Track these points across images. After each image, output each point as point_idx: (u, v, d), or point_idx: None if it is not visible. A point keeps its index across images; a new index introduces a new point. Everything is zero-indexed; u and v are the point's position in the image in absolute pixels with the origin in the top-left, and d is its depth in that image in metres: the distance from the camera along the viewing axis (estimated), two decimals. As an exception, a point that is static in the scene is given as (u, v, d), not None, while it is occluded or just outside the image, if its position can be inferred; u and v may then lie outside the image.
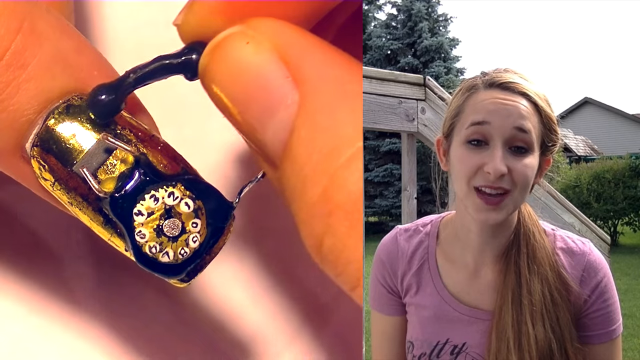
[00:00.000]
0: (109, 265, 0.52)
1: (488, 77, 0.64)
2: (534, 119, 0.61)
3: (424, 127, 1.46)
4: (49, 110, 0.36)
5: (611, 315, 0.64)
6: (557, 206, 1.62)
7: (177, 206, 0.38)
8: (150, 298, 0.53)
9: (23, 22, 0.35)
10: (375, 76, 1.39)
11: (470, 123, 0.61)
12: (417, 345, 0.68)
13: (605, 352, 0.65)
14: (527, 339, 0.61)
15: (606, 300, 0.64)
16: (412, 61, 10.01)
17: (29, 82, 0.35)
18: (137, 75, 0.37)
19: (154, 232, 0.37)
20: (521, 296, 0.62)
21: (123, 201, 0.37)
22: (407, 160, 1.53)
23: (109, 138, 0.37)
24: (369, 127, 1.39)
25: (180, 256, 0.38)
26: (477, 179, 0.60)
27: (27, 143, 0.37)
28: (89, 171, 0.37)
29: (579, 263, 0.64)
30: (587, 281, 0.64)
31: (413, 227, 0.73)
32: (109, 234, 0.38)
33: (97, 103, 0.37)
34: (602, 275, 0.64)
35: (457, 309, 0.67)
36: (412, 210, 1.51)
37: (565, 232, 0.69)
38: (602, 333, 0.64)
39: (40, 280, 0.52)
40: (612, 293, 0.65)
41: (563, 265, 0.64)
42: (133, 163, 0.37)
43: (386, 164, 9.36)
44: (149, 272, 0.38)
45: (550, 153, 0.65)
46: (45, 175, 0.37)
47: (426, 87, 1.47)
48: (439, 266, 0.69)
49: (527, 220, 0.67)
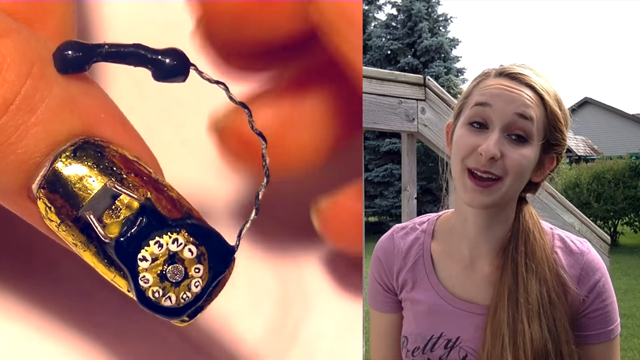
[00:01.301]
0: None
1: (500, 67, 0.66)
2: (538, 110, 0.62)
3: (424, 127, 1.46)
4: (57, 153, 0.37)
5: (609, 315, 0.64)
6: (557, 206, 1.61)
7: (181, 252, 0.38)
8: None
9: (33, 67, 0.36)
10: (375, 76, 1.39)
11: (474, 103, 0.63)
12: (411, 339, 0.68)
13: (603, 352, 0.65)
14: (522, 337, 0.61)
15: (604, 300, 0.64)
16: (412, 61, 10.01)
17: (38, 126, 0.36)
18: (110, 50, 0.37)
19: (158, 277, 0.38)
20: (517, 294, 0.62)
21: (128, 246, 0.37)
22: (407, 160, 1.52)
23: (115, 185, 0.37)
24: (369, 127, 1.39)
25: (183, 300, 0.39)
26: (470, 159, 0.60)
27: (34, 184, 0.37)
28: (94, 216, 0.37)
29: (577, 262, 0.65)
30: (584, 281, 0.64)
31: (410, 224, 0.74)
32: (112, 275, 0.39)
33: (62, 56, 0.37)
34: (600, 275, 0.65)
35: (452, 303, 0.67)
36: (412, 210, 1.51)
37: (564, 231, 0.69)
38: (600, 333, 0.64)
39: (40, 280, 0.52)
40: (609, 293, 0.65)
41: (561, 265, 0.64)
42: (138, 209, 0.38)
43: (386, 164, 9.36)
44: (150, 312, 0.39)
45: (554, 153, 0.65)
46: (51, 216, 0.38)
47: (426, 87, 1.47)
48: (434, 261, 0.69)
49: (528, 219, 0.67)
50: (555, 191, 1.63)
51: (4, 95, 0.35)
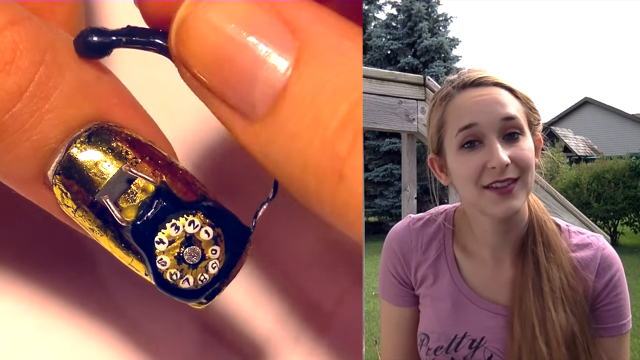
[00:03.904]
0: (108, 263, 0.52)
1: (457, 81, 0.64)
2: (515, 103, 0.62)
3: (424, 127, 1.46)
4: (71, 138, 0.37)
5: (622, 309, 0.65)
6: (557, 206, 1.61)
7: (198, 234, 0.39)
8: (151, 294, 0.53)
9: (45, 54, 0.36)
10: (375, 76, 1.39)
11: (458, 130, 0.61)
12: (433, 338, 0.68)
13: (614, 346, 0.65)
14: (552, 325, 0.61)
15: (618, 294, 0.65)
16: (412, 61, 10.00)
17: (52, 112, 0.36)
18: (131, 37, 0.38)
19: (175, 259, 0.38)
20: (541, 284, 0.63)
21: (144, 229, 0.38)
22: (407, 160, 1.52)
23: (131, 169, 0.38)
24: (369, 127, 1.39)
25: (200, 282, 0.39)
26: (485, 177, 0.60)
27: (49, 171, 0.37)
28: (111, 200, 0.38)
29: (594, 257, 0.65)
30: (601, 275, 0.65)
31: (427, 215, 0.72)
32: (130, 259, 0.39)
33: (85, 42, 0.37)
34: (616, 270, 0.66)
35: (477, 303, 0.66)
36: (412, 210, 1.51)
37: (578, 227, 0.69)
38: (612, 327, 0.65)
39: (40, 280, 0.52)
40: (623, 288, 0.66)
41: (579, 260, 0.65)
42: (154, 192, 0.38)
43: (386, 164, 9.35)
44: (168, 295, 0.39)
45: (538, 131, 0.65)
46: (67, 202, 0.38)
47: (426, 87, 1.47)
48: (456, 258, 0.69)
49: (537, 208, 0.67)
50: (555, 191, 1.63)
51: (18, 82, 0.35)
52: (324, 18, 0.35)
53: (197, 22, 0.34)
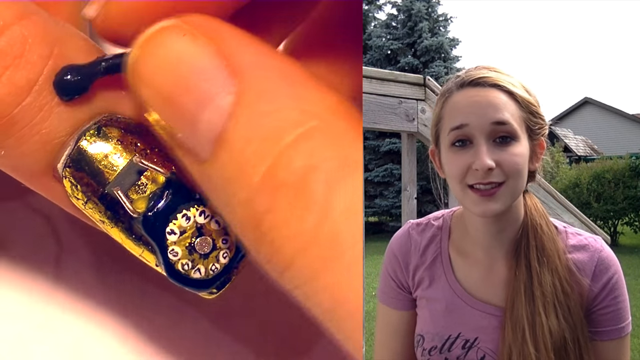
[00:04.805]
0: (108, 261, 0.52)
1: (460, 78, 0.65)
2: (511, 108, 0.61)
3: (424, 127, 1.46)
4: (81, 131, 0.37)
5: (621, 312, 0.65)
6: (557, 206, 1.62)
7: (208, 224, 0.38)
8: (151, 292, 0.53)
9: (54, 48, 0.36)
10: (375, 76, 1.39)
11: (450, 129, 0.62)
12: (428, 338, 0.68)
13: (613, 350, 0.65)
14: (541, 329, 0.61)
15: (616, 297, 0.64)
16: (412, 61, 10.01)
17: (61, 106, 0.36)
18: (107, 64, 0.37)
19: (186, 250, 0.38)
20: (533, 288, 0.63)
21: (155, 220, 0.38)
22: (407, 160, 1.53)
23: (141, 161, 0.38)
24: (369, 127, 1.39)
25: (211, 272, 0.39)
26: (469, 177, 0.60)
27: (59, 164, 0.37)
28: (122, 192, 0.37)
29: (592, 259, 0.65)
30: (598, 277, 0.64)
31: (425, 221, 0.74)
32: (141, 250, 0.39)
33: (62, 82, 0.37)
34: (614, 272, 0.65)
35: (470, 303, 0.67)
36: (412, 210, 1.51)
37: (576, 229, 0.69)
38: (611, 330, 0.64)
39: (40, 280, 0.52)
40: (622, 290, 0.65)
41: (576, 262, 0.65)
42: (164, 183, 0.38)
43: (386, 164, 9.36)
44: (179, 286, 0.39)
45: (540, 136, 0.65)
46: (77, 194, 0.38)
47: (426, 87, 1.48)
48: (451, 260, 0.69)
49: (534, 212, 0.67)
50: (555, 191, 1.63)
51: (27, 76, 0.35)
52: (266, 62, 0.34)
53: (147, 63, 0.35)
